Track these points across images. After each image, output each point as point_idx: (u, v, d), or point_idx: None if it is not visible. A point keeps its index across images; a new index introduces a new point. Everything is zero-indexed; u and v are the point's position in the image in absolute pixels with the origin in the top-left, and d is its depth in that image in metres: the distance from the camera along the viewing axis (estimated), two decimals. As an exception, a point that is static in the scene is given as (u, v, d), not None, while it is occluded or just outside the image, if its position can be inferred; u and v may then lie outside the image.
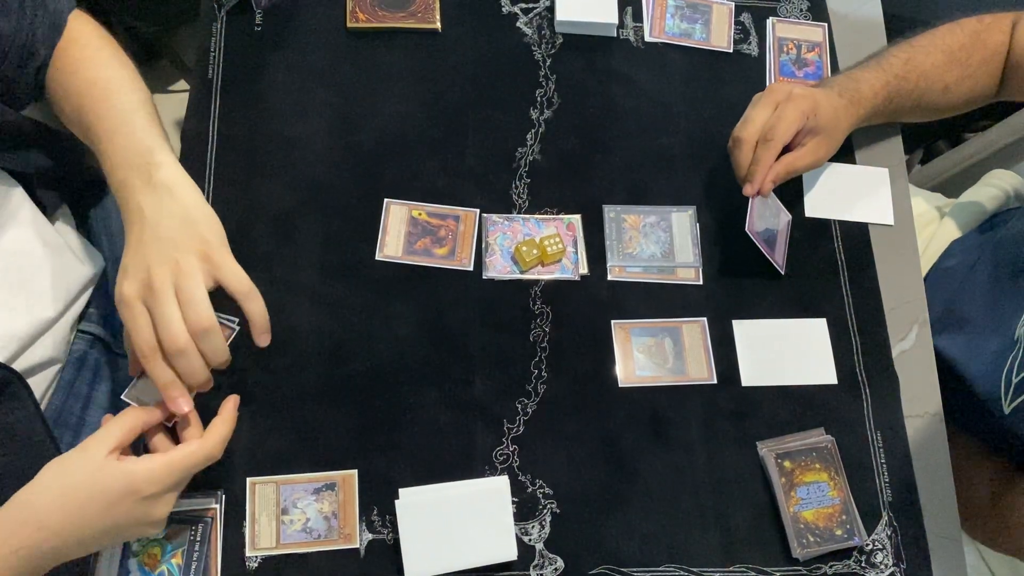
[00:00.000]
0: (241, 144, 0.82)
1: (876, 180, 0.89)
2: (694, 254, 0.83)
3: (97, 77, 0.70)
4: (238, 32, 0.87)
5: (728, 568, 0.72)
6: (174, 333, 0.60)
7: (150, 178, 0.64)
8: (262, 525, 0.69)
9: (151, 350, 0.61)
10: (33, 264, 0.73)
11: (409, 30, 0.89)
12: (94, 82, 0.69)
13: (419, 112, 0.86)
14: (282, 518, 0.69)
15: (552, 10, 0.92)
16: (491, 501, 0.70)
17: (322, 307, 0.77)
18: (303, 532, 0.69)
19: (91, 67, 0.70)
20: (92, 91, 0.69)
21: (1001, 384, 0.78)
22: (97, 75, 0.70)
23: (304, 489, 0.70)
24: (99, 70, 0.70)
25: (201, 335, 0.61)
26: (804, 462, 0.75)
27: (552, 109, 0.88)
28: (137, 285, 0.61)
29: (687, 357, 0.79)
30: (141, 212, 0.63)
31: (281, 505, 0.69)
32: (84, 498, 0.58)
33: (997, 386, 0.79)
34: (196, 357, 0.62)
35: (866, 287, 0.84)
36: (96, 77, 0.70)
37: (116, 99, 0.68)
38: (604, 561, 0.71)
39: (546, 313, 0.79)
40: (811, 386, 0.79)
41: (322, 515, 0.69)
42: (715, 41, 0.93)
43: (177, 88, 1.59)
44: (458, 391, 0.75)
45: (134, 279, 0.61)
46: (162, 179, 0.64)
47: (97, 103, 0.68)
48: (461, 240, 0.81)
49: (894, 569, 0.73)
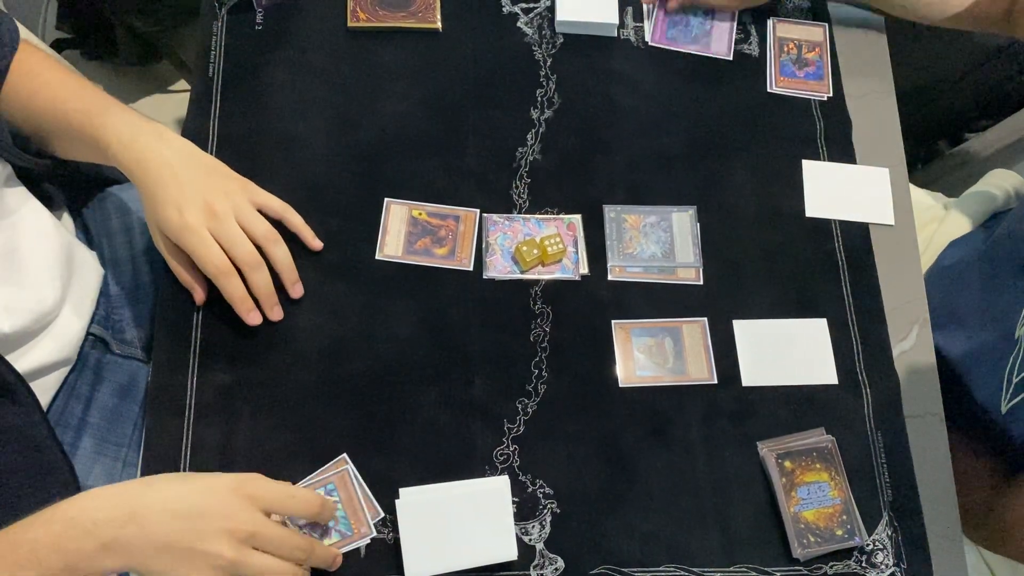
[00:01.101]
0: (241, 143, 0.82)
1: (876, 180, 0.89)
2: (694, 254, 0.83)
3: (65, 77, 0.74)
4: (238, 31, 0.87)
5: (728, 568, 0.72)
6: (247, 249, 0.70)
7: (161, 136, 0.71)
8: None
9: (227, 268, 0.69)
10: (45, 262, 0.73)
11: (410, 30, 0.89)
12: (63, 82, 0.73)
13: (419, 112, 0.86)
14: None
15: (553, 10, 0.92)
16: (491, 501, 0.70)
17: (322, 306, 0.77)
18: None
19: (53, 79, 0.74)
20: (65, 86, 0.73)
21: (1002, 384, 0.78)
22: (65, 76, 0.74)
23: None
24: (63, 76, 0.74)
25: (272, 244, 0.72)
26: (804, 462, 0.75)
27: (552, 109, 0.88)
28: (199, 214, 0.68)
29: (687, 357, 0.79)
30: (170, 161, 0.69)
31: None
32: (198, 488, 0.59)
33: (996, 386, 0.79)
34: (266, 270, 0.72)
35: (866, 287, 0.84)
36: (64, 77, 0.74)
37: (92, 90, 0.73)
38: (604, 561, 0.71)
39: (546, 313, 0.79)
40: (811, 386, 0.79)
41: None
42: (715, 48, 0.93)
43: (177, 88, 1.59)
44: (458, 391, 0.75)
45: (194, 209, 0.68)
46: (173, 137, 0.72)
47: (75, 94, 0.72)
48: (461, 240, 0.81)
49: (895, 569, 0.73)
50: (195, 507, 0.57)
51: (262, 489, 0.60)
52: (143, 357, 0.81)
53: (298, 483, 0.70)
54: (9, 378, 0.65)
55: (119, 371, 0.80)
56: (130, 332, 0.82)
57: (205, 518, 0.57)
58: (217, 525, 0.57)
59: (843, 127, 0.91)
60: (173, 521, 0.57)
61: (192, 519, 0.57)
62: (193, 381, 0.73)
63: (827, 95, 0.92)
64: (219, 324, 0.75)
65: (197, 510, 0.57)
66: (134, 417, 0.78)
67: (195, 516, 0.57)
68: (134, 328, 0.82)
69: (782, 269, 0.83)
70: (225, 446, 0.71)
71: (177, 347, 0.74)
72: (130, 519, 0.56)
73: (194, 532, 0.56)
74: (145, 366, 0.81)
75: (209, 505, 0.58)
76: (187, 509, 0.57)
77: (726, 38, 0.93)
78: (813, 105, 0.92)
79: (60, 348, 0.74)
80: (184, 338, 0.74)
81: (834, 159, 0.89)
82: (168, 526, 0.56)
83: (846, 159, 0.90)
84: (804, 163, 0.88)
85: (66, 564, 0.55)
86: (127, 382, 0.80)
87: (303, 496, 0.63)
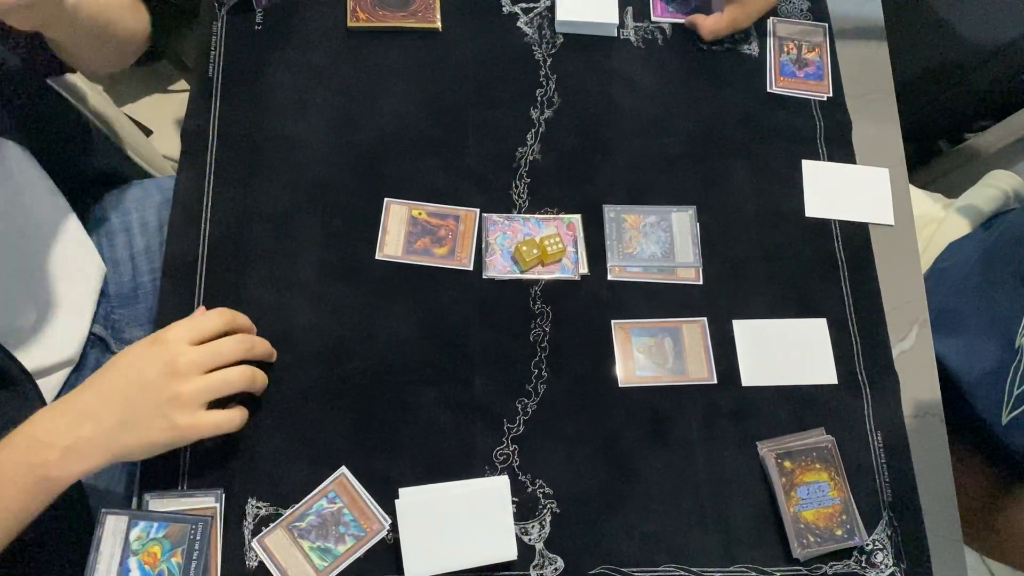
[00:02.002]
0: (241, 143, 0.82)
1: (876, 180, 0.89)
2: (694, 254, 0.83)
3: None
4: (238, 31, 0.87)
5: (728, 568, 0.72)
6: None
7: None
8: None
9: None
10: (53, 261, 0.73)
11: (410, 29, 0.89)
12: None
13: (419, 111, 0.86)
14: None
15: (553, 10, 0.92)
16: (491, 501, 0.69)
17: (322, 306, 0.77)
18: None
19: None
20: None
21: (1004, 395, 0.78)
22: None
23: (315, 512, 0.69)
24: None
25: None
26: (804, 462, 0.75)
27: (552, 109, 0.88)
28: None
29: (687, 357, 0.79)
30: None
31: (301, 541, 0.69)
32: (123, 364, 0.63)
33: (996, 396, 0.79)
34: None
35: (866, 287, 0.84)
36: None
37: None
38: (604, 561, 0.71)
39: (546, 313, 0.79)
40: (811, 386, 0.79)
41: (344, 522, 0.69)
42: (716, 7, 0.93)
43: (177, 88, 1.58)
44: (458, 391, 0.75)
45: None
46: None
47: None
48: (461, 240, 0.81)
49: (894, 569, 0.73)
50: (135, 383, 0.62)
51: (190, 363, 0.63)
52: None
53: (299, 502, 0.70)
54: (15, 373, 0.65)
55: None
56: (129, 332, 0.82)
57: (147, 388, 0.62)
58: (161, 383, 0.62)
59: (843, 127, 0.91)
60: (124, 403, 0.61)
61: (138, 392, 0.62)
62: (193, 381, 0.73)
63: (827, 95, 0.92)
64: (219, 324, 0.75)
65: (138, 384, 0.62)
66: (134, 417, 0.78)
67: (139, 388, 0.62)
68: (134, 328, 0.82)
69: (782, 269, 0.83)
70: (224, 446, 0.71)
71: (177, 347, 0.74)
72: (84, 418, 0.60)
73: (144, 400, 0.62)
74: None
75: (148, 377, 0.62)
76: (129, 386, 0.62)
77: (724, 6, 0.93)
78: (813, 105, 0.92)
79: (64, 348, 0.74)
80: (184, 338, 0.74)
81: (834, 159, 0.89)
82: (119, 409, 0.61)
83: (846, 159, 0.90)
84: (804, 163, 0.88)
85: (37, 477, 0.59)
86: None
87: (227, 347, 0.66)
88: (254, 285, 0.77)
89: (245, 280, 0.77)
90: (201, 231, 0.78)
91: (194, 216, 0.79)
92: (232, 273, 0.77)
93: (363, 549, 0.68)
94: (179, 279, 0.76)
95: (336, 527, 0.69)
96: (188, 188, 0.80)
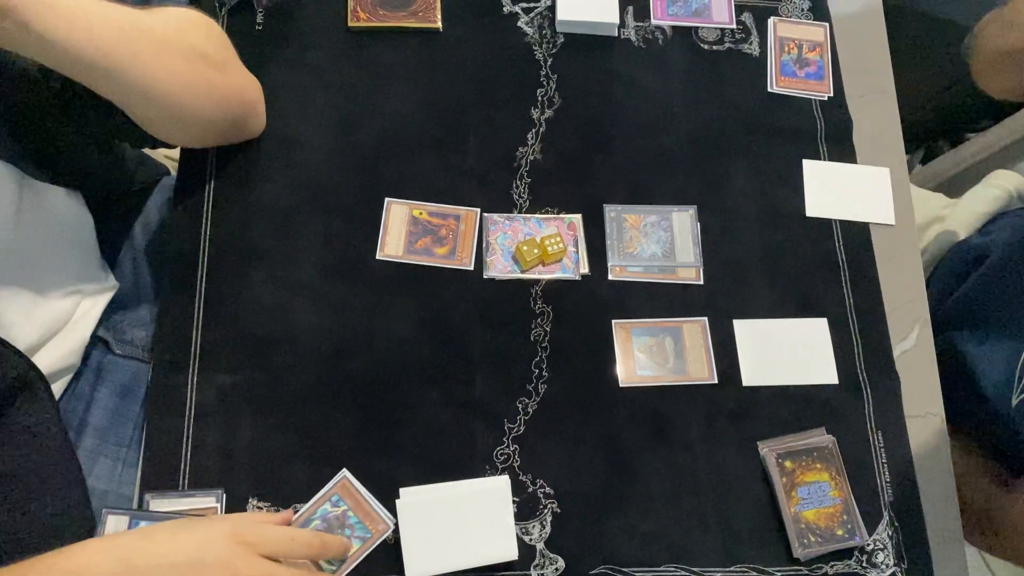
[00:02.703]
0: (242, 143, 0.82)
1: (877, 179, 0.89)
2: (695, 254, 0.83)
3: None
4: (239, 31, 0.87)
5: (729, 568, 0.72)
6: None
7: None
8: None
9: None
10: (64, 269, 0.73)
11: (410, 29, 0.89)
12: None
13: (420, 111, 0.86)
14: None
15: (553, 10, 0.92)
16: (492, 501, 0.70)
17: (322, 306, 0.77)
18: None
19: None
20: None
21: (1015, 377, 0.78)
22: None
23: (320, 517, 0.69)
24: None
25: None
26: (805, 462, 0.75)
27: (553, 109, 0.88)
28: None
29: (688, 357, 0.79)
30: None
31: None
32: (188, 536, 0.58)
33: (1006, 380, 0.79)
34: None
35: (867, 287, 0.84)
36: None
37: None
38: (605, 561, 0.71)
39: (547, 313, 0.79)
40: (812, 386, 0.79)
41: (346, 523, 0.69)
42: (717, 19, 0.93)
43: (178, 88, 1.58)
44: (459, 391, 0.75)
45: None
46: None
47: None
48: (462, 239, 0.81)
49: (895, 569, 0.73)
50: (193, 559, 0.56)
51: (261, 535, 0.59)
52: (144, 357, 0.81)
53: (304, 505, 0.69)
54: (30, 375, 0.65)
55: (120, 371, 0.80)
56: (131, 332, 0.82)
57: (204, 569, 0.56)
58: (217, 575, 0.56)
59: (843, 127, 0.91)
60: (172, 573, 0.56)
61: (191, 571, 0.56)
62: (193, 381, 0.73)
63: (827, 95, 0.92)
64: (219, 324, 0.75)
65: (196, 561, 0.56)
66: (135, 417, 0.78)
67: (194, 568, 0.56)
68: (135, 328, 0.82)
69: (782, 269, 0.83)
70: (225, 446, 0.71)
71: (178, 347, 0.74)
72: (128, 573, 0.55)
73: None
74: (146, 366, 0.81)
75: (207, 556, 0.57)
76: (186, 561, 0.56)
77: (726, 6, 0.93)
78: (814, 105, 0.92)
79: (68, 354, 0.74)
80: (185, 338, 0.74)
81: (834, 159, 0.89)
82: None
83: (846, 159, 0.89)
84: (804, 163, 0.88)
85: None
86: (128, 382, 0.80)
87: (303, 538, 0.62)
88: (255, 285, 0.77)
89: (246, 280, 0.77)
90: (202, 231, 0.79)
91: (195, 216, 0.79)
92: (233, 273, 0.77)
93: (370, 549, 0.68)
94: (180, 279, 0.76)
95: (342, 530, 0.69)
96: (189, 188, 0.80)
